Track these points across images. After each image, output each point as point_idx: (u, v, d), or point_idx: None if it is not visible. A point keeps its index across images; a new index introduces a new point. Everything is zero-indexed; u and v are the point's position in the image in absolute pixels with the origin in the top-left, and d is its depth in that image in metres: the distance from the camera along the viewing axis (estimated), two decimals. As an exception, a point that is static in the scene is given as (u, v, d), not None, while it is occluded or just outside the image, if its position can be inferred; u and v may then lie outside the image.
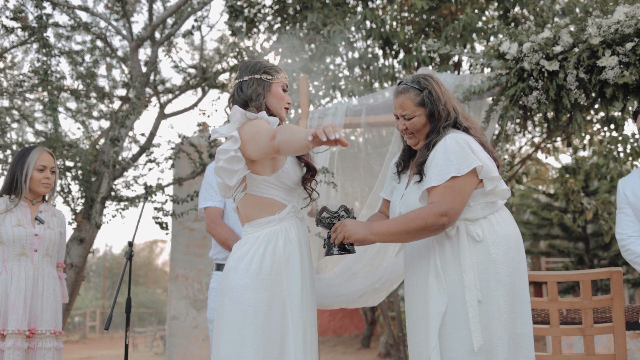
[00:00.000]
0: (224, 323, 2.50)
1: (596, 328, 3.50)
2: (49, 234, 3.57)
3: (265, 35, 7.28)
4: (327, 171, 4.17)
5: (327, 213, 2.58)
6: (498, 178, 2.57)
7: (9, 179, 3.58)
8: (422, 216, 2.45)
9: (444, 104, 2.66)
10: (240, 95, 2.70)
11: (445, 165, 2.52)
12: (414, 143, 2.74)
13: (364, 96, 4.85)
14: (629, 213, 3.40)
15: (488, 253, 2.52)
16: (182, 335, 9.68)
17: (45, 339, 3.47)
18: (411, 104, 2.67)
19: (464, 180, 2.50)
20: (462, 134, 2.62)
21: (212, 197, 3.59)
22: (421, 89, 2.67)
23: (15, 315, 3.36)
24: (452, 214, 2.46)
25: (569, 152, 9.04)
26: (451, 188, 2.49)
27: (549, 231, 14.69)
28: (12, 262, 3.46)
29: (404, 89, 2.70)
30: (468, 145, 2.55)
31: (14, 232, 3.46)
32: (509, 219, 2.69)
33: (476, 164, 2.51)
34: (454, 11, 6.60)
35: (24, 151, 3.62)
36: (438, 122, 2.65)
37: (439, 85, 2.71)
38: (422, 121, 2.67)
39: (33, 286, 3.47)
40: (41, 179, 3.57)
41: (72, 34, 7.57)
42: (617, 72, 3.82)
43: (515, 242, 2.61)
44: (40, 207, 3.63)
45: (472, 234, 2.54)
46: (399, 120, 2.73)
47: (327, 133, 2.05)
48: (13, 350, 3.29)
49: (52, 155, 3.65)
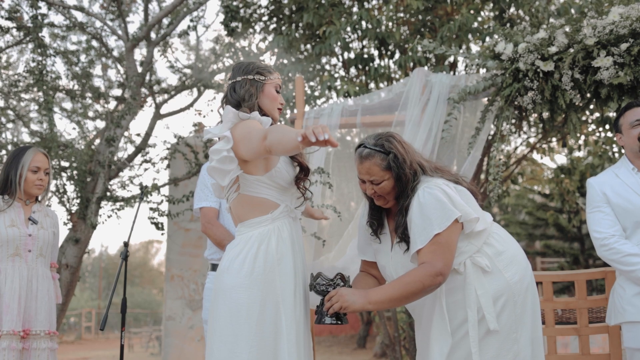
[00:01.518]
0: (217, 323, 2.50)
1: (591, 328, 3.52)
2: (42, 234, 3.56)
3: (261, 35, 7.28)
4: (322, 171, 4.17)
5: (323, 280, 2.55)
6: (476, 219, 2.55)
7: (3, 179, 3.56)
8: (418, 279, 2.43)
9: (410, 164, 2.61)
10: (233, 95, 2.70)
11: (425, 225, 2.51)
12: (383, 203, 2.71)
13: (360, 96, 4.85)
14: (609, 212, 3.26)
15: (503, 279, 2.55)
16: (178, 335, 9.67)
17: (40, 339, 3.45)
18: (378, 169, 2.62)
19: (448, 233, 2.49)
20: (432, 182, 2.59)
21: (207, 198, 3.58)
22: (386, 153, 2.62)
23: (9, 316, 3.34)
24: (446, 270, 2.47)
25: (564, 152, 9.06)
26: (439, 245, 2.47)
27: (544, 231, 14.73)
28: (5, 263, 3.44)
29: (369, 154, 2.64)
30: (443, 193, 2.54)
31: (7, 232, 3.45)
32: (505, 235, 2.71)
33: (455, 215, 2.49)
34: (450, 12, 6.61)
35: (19, 151, 3.60)
36: (406, 184, 2.61)
37: (402, 144, 2.66)
38: (390, 184, 2.63)
39: (27, 287, 3.45)
40: (34, 181, 3.55)
41: (67, 34, 7.55)
42: (612, 72, 3.83)
43: (521, 256, 2.65)
44: (34, 208, 3.61)
45: (480, 265, 2.55)
46: (365, 184, 2.68)
47: (317, 134, 2.05)
48: (8, 351, 3.28)
49: (46, 156, 3.64)
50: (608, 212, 3.28)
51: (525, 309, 2.55)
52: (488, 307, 2.49)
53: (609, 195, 3.29)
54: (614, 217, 3.26)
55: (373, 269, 2.88)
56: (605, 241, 3.21)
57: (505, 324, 2.51)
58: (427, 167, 2.67)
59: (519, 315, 2.53)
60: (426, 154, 4.25)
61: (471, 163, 4.31)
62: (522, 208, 14.82)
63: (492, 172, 4.29)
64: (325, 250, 4.23)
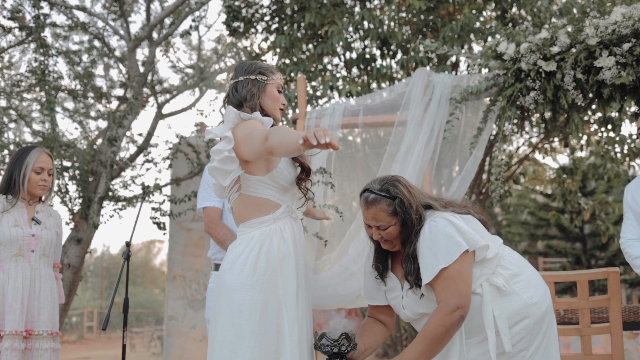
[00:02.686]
0: (219, 323, 2.50)
1: (593, 328, 3.51)
2: (45, 235, 3.55)
3: (263, 35, 7.28)
4: (324, 171, 4.17)
5: (327, 340, 2.53)
6: (486, 247, 2.53)
7: (6, 179, 3.55)
8: (439, 323, 2.40)
9: (416, 209, 2.59)
10: (235, 95, 2.70)
11: (431, 260, 2.49)
12: (390, 247, 2.69)
13: (362, 96, 4.85)
14: (630, 217, 3.51)
15: (521, 300, 2.53)
16: (180, 335, 9.67)
17: (42, 339, 3.44)
18: (385, 214, 2.60)
19: (458, 265, 2.46)
20: (438, 215, 2.57)
21: (210, 197, 3.58)
22: (392, 198, 2.59)
23: (12, 316, 3.34)
24: (464, 302, 2.43)
25: (566, 152, 9.05)
26: (450, 279, 2.45)
27: (546, 231, 14.72)
28: (9, 263, 3.44)
29: (375, 199, 2.61)
30: (449, 224, 2.51)
31: (10, 232, 3.44)
32: (518, 257, 2.70)
33: (462, 249, 2.47)
34: (452, 12, 6.61)
35: (22, 151, 3.59)
36: (411, 229, 2.58)
37: (408, 188, 2.64)
38: (397, 229, 2.61)
39: (30, 287, 3.45)
40: (38, 181, 3.54)
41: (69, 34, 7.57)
42: (615, 72, 3.82)
43: (538, 279, 2.64)
44: (37, 208, 3.60)
45: (497, 284, 2.53)
46: (371, 229, 2.66)
47: (318, 137, 2.05)
48: (10, 351, 3.27)
49: (50, 157, 3.63)
50: (629, 216, 3.52)
51: (538, 334, 2.53)
52: (504, 328, 2.47)
53: (629, 200, 3.47)
54: (635, 222, 3.42)
55: (381, 315, 2.84)
56: (622, 245, 3.51)
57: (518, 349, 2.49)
58: (435, 205, 2.64)
59: (532, 340, 2.52)
60: (428, 155, 4.26)
61: (473, 163, 4.31)
62: (524, 208, 14.82)
63: (494, 172, 4.28)
64: (327, 250, 4.23)
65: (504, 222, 16.43)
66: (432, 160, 4.31)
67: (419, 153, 4.23)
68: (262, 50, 7.52)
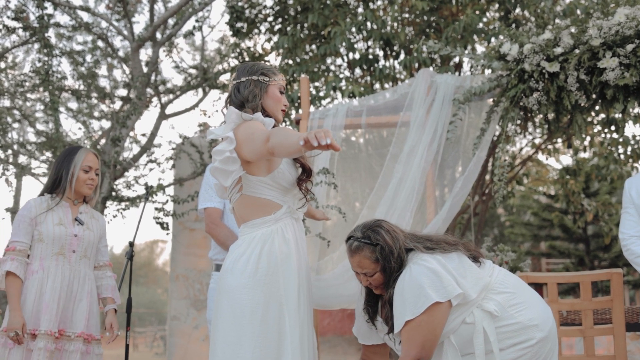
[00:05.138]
0: (221, 324, 2.51)
1: (596, 329, 3.51)
2: (88, 236, 3.51)
3: (266, 36, 7.29)
4: (327, 172, 4.17)
5: None
6: (460, 295, 2.48)
7: (53, 177, 3.51)
8: None
9: (397, 255, 2.57)
10: (237, 96, 2.70)
11: (400, 310, 2.48)
12: (381, 292, 2.69)
13: (365, 97, 4.85)
14: (633, 213, 3.40)
15: (516, 322, 2.50)
16: (183, 335, 9.68)
17: (72, 341, 3.39)
18: (368, 262, 2.61)
19: (427, 316, 2.43)
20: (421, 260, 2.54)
21: (212, 198, 3.58)
22: (374, 245, 2.60)
23: (48, 316, 3.29)
24: (425, 354, 2.42)
25: (569, 153, 9.03)
26: (416, 330, 2.43)
27: (549, 232, 14.70)
28: (49, 261, 3.39)
29: (357, 247, 2.63)
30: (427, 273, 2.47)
31: (54, 230, 3.40)
32: (512, 280, 2.65)
33: (430, 302, 2.43)
34: (455, 12, 6.60)
35: (70, 150, 3.56)
36: (390, 275, 2.58)
37: (390, 233, 2.62)
38: (382, 275, 2.62)
39: (68, 287, 3.40)
40: (86, 180, 3.51)
41: (73, 34, 7.59)
42: (618, 73, 3.82)
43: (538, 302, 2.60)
44: (81, 209, 3.57)
45: (489, 310, 2.49)
46: (359, 275, 2.67)
47: (319, 138, 2.05)
48: (43, 351, 3.23)
49: (97, 156, 3.62)
50: (632, 212, 3.38)
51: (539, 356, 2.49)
52: (495, 343, 2.45)
53: (634, 196, 3.35)
54: (637, 218, 3.32)
55: (376, 355, 2.85)
56: (624, 242, 3.35)
57: None
58: (420, 247, 2.60)
59: None
60: (431, 155, 4.25)
61: (476, 164, 4.31)
62: (527, 209, 14.80)
63: (497, 173, 4.28)
64: (329, 250, 4.23)
65: (507, 223, 16.40)
66: (435, 161, 4.30)
67: (422, 154, 4.23)
68: (265, 51, 7.52)
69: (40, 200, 3.49)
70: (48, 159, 6.36)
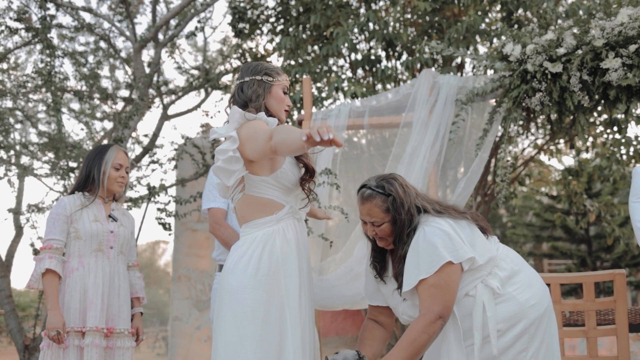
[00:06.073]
0: (222, 324, 2.51)
1: (599, 330, 3.50)
2: (122, 232, 3.51)
3: (268, 37, 7.29)
4: (329, 172, 4.18)
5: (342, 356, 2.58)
6: (471, 259, 2.53)
7: (85, 176, 3.51)
8: (421, 331, 2.44)
9: (407, 209, 2.60)
10: (240, 95, 2.71)
11: (413, 269, 2.52)
12: (385, 245, 2.71)
13: (367, 98, 4.85)
14: None
15: (516, 302, 2.53)
16: (185, 336, 9.69)
17: (124, 338, 3.40)
18: (379, 211, 2.63)
19: (445, 275, 2.48)
20: (431, 222, 2.58)
21: (215, 198, 3.59)
22: (386, 195, 2.63)
23: (93, 312, 3.29)
24: (446, 312, 2.47)
25: (571, 154, 9.03)
26: (436, 287, 2.47)
27: (551, 233, 14.69)
28: (89, 258, 3.38)
29: (370, 195, 2.65)
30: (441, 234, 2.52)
31: (91, 227, 3.39)
32: (517, 258, 2.69)
33: (443, 261, 2.48)
34: (457, 13, 6.60)
35: (101, 149, 3.57)
36: (401, 229, 2.61)
37: (403, 187, 2.65)
38: (390, 227, 2.64)
39: (110, 284, 3.39)
40: (117, 178, 3.51)
41: (75, 35, 7.60)
42: (621, 74, 3.81)
43: (537, 281, 2.63)
44: (112, 206, 3.58)
45: (491, 286, 2.54)
46: (366, 225, 2.69)
47: (321, 133, 2.05)
48: (92, 347, 3.22)
49: (127, 154, 3.62)
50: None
51: (537, 334, 2.53)
52: (493, 331, 2.48)
53: None
54: None
55: (381, 315, 2.86)
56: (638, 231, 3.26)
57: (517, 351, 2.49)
58: (430, 208, 2.64)
59: (532, 340, 2.51)
60: (434, 156, 4.25)
61: (478, 164, 4.31)
62: (529, 210, 14.78)
63: (499, 173, 4.28)
64: (332, 251, 4.23)
65: (509, 223, 16.39)
66: (437, 162, 4.31)
67: (425, 154, 4.23)
68: (267, 52, 7.52)
69: (74, 198, 3.48)
70: (50, 159, 6.36)
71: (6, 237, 30.92)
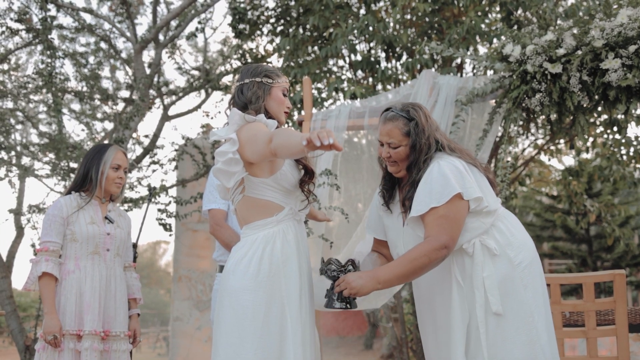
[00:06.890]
0: (223, 325, 2.52)
1: (599, 330, 3.51)
2: (119, 233, 3.49)
3: (268, 37, 7.30)
4: (330, 173, 4.18)
5: (335, 265, 2.60)
6: (479, 199, 2.58)
7: (82, 175, 3.47)
8: (424, 253, 2.47)
9: (427, 137, 2.66)
10: (240, 97, 2.71)
11: (425, 196, 2.56)
12: (395, 171, 2.75)
13: (367, 98, 4.85)
14: None
15: (511, 264, 2.56)
16: (185, 336, 9.70)
17: (120, 340, 3.38)
18: (399, 132, 2.68)
19: (452, 208, 2.52)
20: (449, 159, 2.63)
21: (216, 200, 3.59)
22: (409, 119, 2.68)
23: (91, 316, 3.27)
24: (451, 244, 2.51)
25: (572, 154, 9.03)
26: (445, 218, 2.51)
27: (552, 233, 14.68)
28: (85, 261, 3.36)
29: (393, 116, 2.71)
30: (453, 169, 2.58)
31: (88, 229, 3.36)
32: (514, 220, 2.73)
33: (454, 191, 2.52)
34: (457, 14, 6.60)
35: (100, 148, 3.53)
36: (419, 155, 2.65)
37: (426, 117, 2.71)
38: (406, 151, 2.69)
39: (107, 286, 3.38)
40: (115, 178, 3.48)
41: (76, 36, 7.61)
42: (621, 74, 3.82)
43: (530, 242, 2.67)
44: (108, 207, 3.55)
45: (489, 247, 2.57)
46: (382, 147, 2.74)
47: (322, 138, 2.06)
48: (90, 351, 3.21)
49: (125, 155, 3.59)
50: None
51: (537, 292, 2.57)
52: (492, 290, 2.52)
53: None
54: None
55: (384, 248, 2.90)
56: None
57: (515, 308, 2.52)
58: (446, 145, 2.70)
59: (531, 299, 2.54)
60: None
61: (479, 165, 4.31)
62: (529, 210, 14.77)
63: (499, 173, 4.28)
64: (332, 252, 4.24)
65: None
66: (437, 162, 4.31)
67: (425, 155, 4.23)
68: (267, 53, 7.53)
69: (70, 199, 3.45)
70: (51, 160, 6.37)
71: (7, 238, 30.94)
